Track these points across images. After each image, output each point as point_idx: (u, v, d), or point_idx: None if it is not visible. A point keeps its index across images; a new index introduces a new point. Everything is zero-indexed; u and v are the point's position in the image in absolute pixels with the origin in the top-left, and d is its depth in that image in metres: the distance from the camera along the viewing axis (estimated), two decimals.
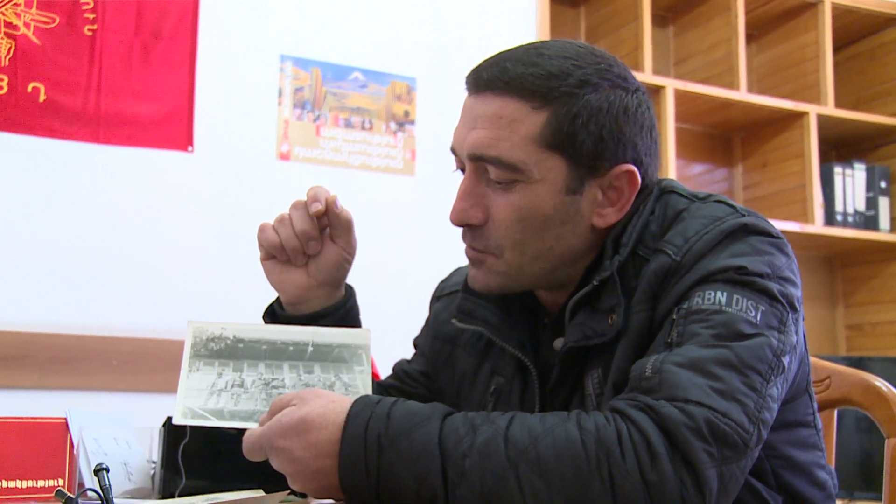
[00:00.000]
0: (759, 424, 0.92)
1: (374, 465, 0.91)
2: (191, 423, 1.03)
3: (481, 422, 0.92)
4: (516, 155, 1.05)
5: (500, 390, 1.16)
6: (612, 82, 1.07)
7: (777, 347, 0.97)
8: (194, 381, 1.06)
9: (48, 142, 2.43)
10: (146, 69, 2.54)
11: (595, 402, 1.05)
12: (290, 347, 1.10)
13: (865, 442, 2.83)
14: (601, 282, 1.05)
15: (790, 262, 1.04)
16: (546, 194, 1.06)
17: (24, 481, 1.16)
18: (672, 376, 0.92)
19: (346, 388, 1.06)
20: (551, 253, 1.08)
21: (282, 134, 2.71)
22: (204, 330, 1.10)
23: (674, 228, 1.05)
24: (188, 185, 2.57)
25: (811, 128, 3.25)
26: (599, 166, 1.06)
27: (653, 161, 1.11)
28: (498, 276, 1.11)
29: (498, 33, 2.96)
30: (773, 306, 0.98)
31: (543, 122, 1.04)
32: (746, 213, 1.06)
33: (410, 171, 2.83)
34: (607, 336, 1.03)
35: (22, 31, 2.42)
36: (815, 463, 1.10)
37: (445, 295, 1.32)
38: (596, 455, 0.87)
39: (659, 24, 3.42)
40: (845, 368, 1.36)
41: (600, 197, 1.08)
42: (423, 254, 2.77)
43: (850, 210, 3.39)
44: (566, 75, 1.05)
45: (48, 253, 2.41)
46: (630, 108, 1.07)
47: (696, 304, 0.98)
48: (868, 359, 3.20)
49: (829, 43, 3.34)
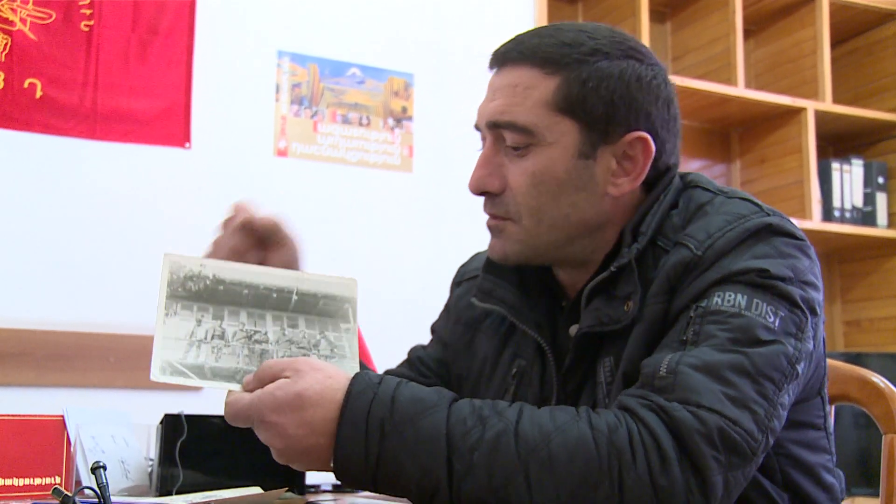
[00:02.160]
0: (768, 433, 0.93)
1: (375, 450, 0.89)
2: (170, 380, 0.96)
3: (489, 413, 0.91)
4: (529, 118, 1.07)
5: (521, 373, 1.16)
6: (626, 52, 1.09)
7: (792, 355, 0.96)
8: (172, 328, 0.99)
9: (45, 138, 2.42)
10: (143, 65, 2.53)
11: (606, 391, 1.05)
12: (273, 294, 1.04)
13: (863, 438, 2.84)
14: (619, 269, 1.05)
15: (813, 266, 1.04)
16: (559, 158, 1.07)
17: (22, 479, 1.16)
18: (687, 378, 0.91)
19: (331, 348, 1.02)
20: (567, 221, 1.09)
21: (279, 130, 2.70)
22: (181, 266, 1.04)
23: (696, 222, 1.05)
24: (185, 181, 2.57)
25: (809, 123, 3.25)
26: (611, 132, 1.07)
27: (671, 136, 1.12)
28: (516, 244, 1.11)
29: (495, 29, 2.95)
30: (792, 312, 0.98)
31: (555, 87, 1.07)
32: (771, 212, 1.05)
33: (408, 168, 2.82)
34: (622, 323, 1.03)
35: (18, 26, 2.41)
36: (823, 465, 1.10)
37: (466, 280, 1.32)
38: (608, 456, 0.87)
39: (656, 19, 3.42)
40: (843, 364, 1.36)
41: (614, 165, 1.09)
42: (420, 250, 2.77)
43: (847, 206, 3.39)
44: (579, 44, 1.08)
45: (45, 249, 2.41)
46: (644, 78, 1.08)
47: (716, 304, 0.97)
48: (866, 355, 3.20)
49: (826, 38, 3.33)
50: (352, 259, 2.67)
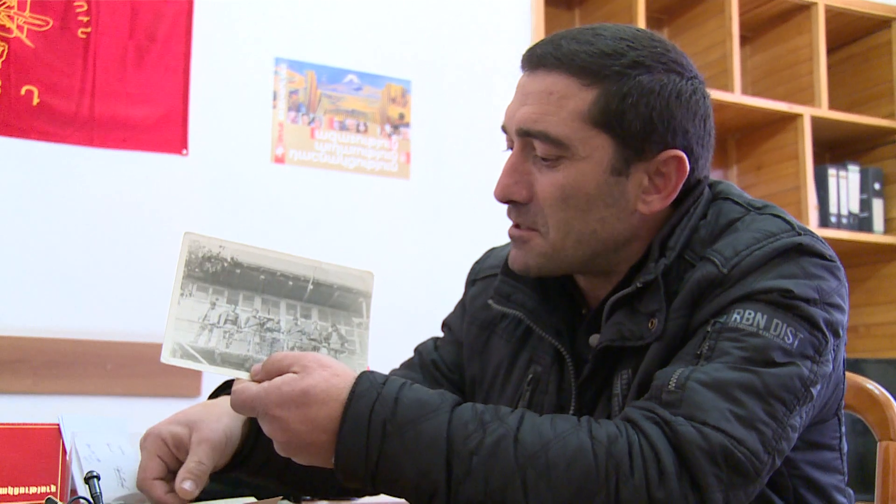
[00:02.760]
0: (775, 454, 0.92)
1: (376, 450, 0.89)
2: (180, 363, 0.97)
3: (491, 418, 0.91)
4: (562, 130, 1.03)
5: (537, 379, 1.14)
6: (667, 66, 1.05)
7: (808, 378, 0.95)
8: (186, 309, 0.99)
9: (42, 145, 2.42)
10: (140, 72, 2.53)
11: (621, 403, 1.03)
12: (289, 282, 1.03)
13: (859, 445, 2.83)
14: (644, 284, 1.03)
15: (840, 287, 1.01)
16: (590, 173, 1.04)
17: (16, 488, 1.15)
18: (695, 395, 0.90)
19: (342, 342, 1.02)
20: (595, 237, 1.06)
21: (276, 137, 2.70)
22: (201, 245, 1.02)
23: (725, 238, 1.03)
24: (182, 188, 2.57)
25: (805, 130, 3.26)
26: (647, 149, 1.04)
27: (704, 153, 1.09)
28: (540, 258, 1.08)
29: (492, 36, 2.96)
30: (812, 334, 0.96)
31: (592, 99, 1.03)
32: (802, 231, 1.03)
33: (405, 174, 2.82)
34: (646, 340, 1.01)
35: (15, 33, 2.41)
36: (835, 486, 1.09)
37: (482, 279, 1.29)
38: (605, 467, 0.87)
39: (654, 26, 3.43)
40: None
41: (646, 182, 1.06)
42: (418, 256, 2.77)
43: (844, 212, 3.40)
44: (619, 55, 1.04)
45: (42, 257, 2.41)
46: (684, 94, 1.05)
47: (734, 321, 0.96)
48: (863, 360, 3.20)
49: (822, 45, 3.34)
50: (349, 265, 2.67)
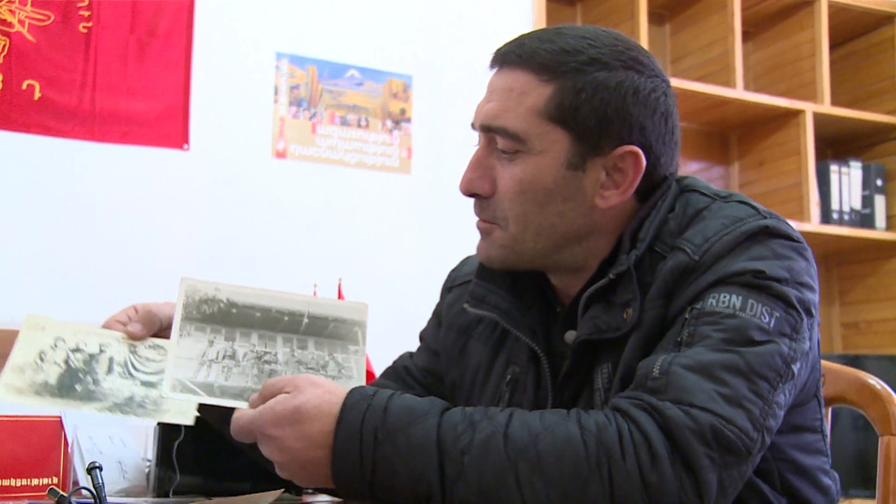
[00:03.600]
0: (764, 431, 0.92)
1: (370, 459, 0.91)
2: (180, 397, 1.00)
3: (480, 418, 0.92)
4: (520, 125, 1.06)
5: (515, 380, 1.15)
6: (626, 63, 1.06)
7: (787, 355, 0.96)
8: (185, 349, 1.03)
9: (43, 139, 2.42)
10: (141, 67, 2.53)
11: (604, 397, 1.04)
12: (284, 318, 1.07)
13: (861, 440, 2.84)
14: (617, 276, 1.04)
15: (809, 267, 1.04)
16: (548, 167, 1.06)
17: (19, 479, 1.16)
18: (679, 379, 0.91)
19: (339, 369, 1.05)
20: (554, 230, 1.08)
21: (278, 132, 2.70)
22: (197, 289, 1.07)
23: (693, 227, 1.04)
24: (184, 183, 2.57)
25: (807, 126, 3.26)
26: (603, 145, 1.06)
27: (667, 149, 1.10)
28: (501, 249, 1.10)
29: (494, 31, 2.96)
30: (787, 312, 0.98)
31: (549, 94, 1.05)
32: (768, 214, 1.05)
33: (406, 169, 2.82)
34: (622, 330, 1.03)
35: (16, 28, 2.41)
36: (820, 468, 1.10)
37: (458, 285, 1.30)
38: (596, 455, 0.87)
39: (655, 21, 3.42)
40: (840, 367, 1.36)
41: (603, 177, 1.07)
42: (419, 251, 2.77)
43: (846, 208, 3.39)
44: (578, 52, 1.06)
45: (43, 250, 2.41)
46: (641, 91, 1.06)
47: (710, 305, 0.97)
48: (864, 357, 3.20)
49: (825, 41, 3.34)
50: (350, 261, 2.68)
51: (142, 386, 1.07)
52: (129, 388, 1.07)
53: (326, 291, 2.35)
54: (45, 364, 1.05)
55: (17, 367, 1.04)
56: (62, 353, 1.07)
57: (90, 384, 1.05)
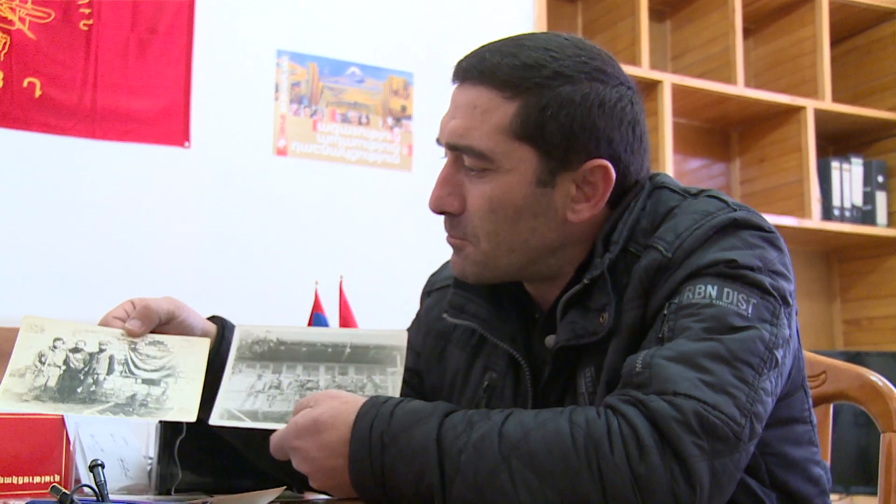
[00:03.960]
0: (752, 417, 0.92)
1: (379, 463, 0.93)
2: (226, 423, 1.06)
3: (479, 419, 0.93)
4: (486, 144, 1.05)
5: (493, 386, 1.16)
6: (590, 75, 1.05)
7: (769, 340, 0.96)
8: (235, 384, 1.10)
9: (44, 137, 2.42)
10: (142, 64, 2.53)
11: (588, 401, 1.04)
12: (328, 349, 1.12)
13: (862, 437, 2.84)
14: (592, 280, 1.04)
15: (782, 256, 1.04)
16: (517, 185, 1.05)
17: (21, 477, 1.16)
18: (662, 370, 0.92)
19: (376, 389, 1.08)
20: (527, 245, 1.08)
21: (278, 129, 2.70)
22: (250, 333, 1.14)
23: (665, 224, 1.04)
24: (185, 180, 2.57)
25: (808, 122, 3.26)
26: (571, 159, 1.05)
27: (636, 158, 1.09)
28: (475, 266, 1.10)
29: (495, 28, 2.95)
30: (764, 299, 0.98)
31: (514, 112, 1.04)
32: (738, 207, 1.05)
33: (407, 167, 2.82)
34: (599, 335, 1.03)
35: (17, 25, 2.41)
36: (810, 459, 1.10)
37: (436, 290, 1.31)
38: (585, 448, 0.88)
39: (656, 18, 3.42)
40: (841, 363, 1.36)
41: (574, 191, 1.07)
42: (419, 249, 2.77)
43: (847, 205, 3.39)
44: (540, 66, 1.04)
45: (44, 248, 2.41)
46: (607, 102, 1.05)
47: (687, 298, 0.97)
48: (865, 353, 3.20)
49: (826, 37, 3.33)
50: (351, 258, 2.68)
51: (143, 384, 1.08)
52: (131, 387, 1.07)
53: (327, 288, 2.35)
54: (44, 367, 1.05)
55: (16, 372, 1.04)
56: (61, 355, 1.07)
57: (91, 385, 1.05)
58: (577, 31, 3.36)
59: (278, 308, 2.49)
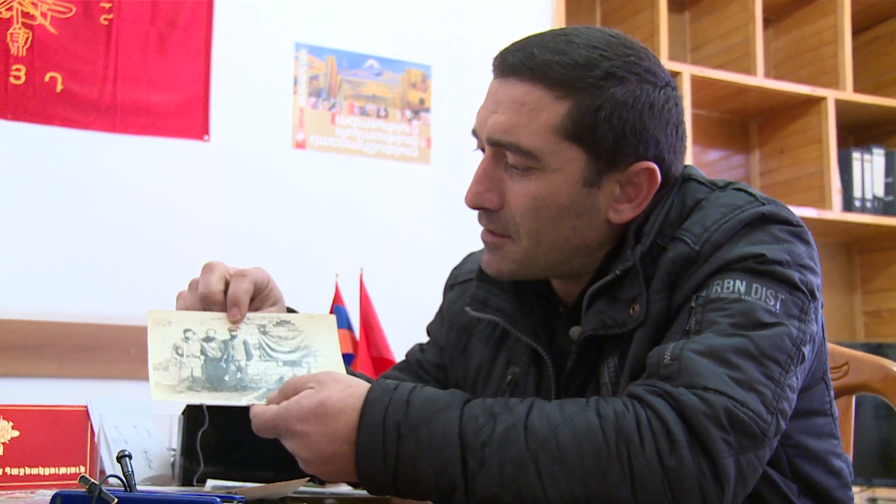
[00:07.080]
0: (778, 414, 0.92)
1: (393, 453, 0.91)
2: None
3: (500, 409, 0.92)
4: (534, 143, 1.03)
5: (515, 380, 1.16)
6: (640, 76, 1.05)
7: (797, 337, 0.96)
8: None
9: (65, 131, 2.44)
10: (162, 58, 2.54)
11: (610, 391, 1.04)
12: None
13: (884, 429, 2.82)
14: (623, 272, 1.04)
15: (810, 250, 1.03)
16: (563, 185, 1.05)
17: (47, 468, 1.17)
18: (691, 364, 0.91)
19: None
20: (567, 244, 1.08)
21: (297, 122, 2.71)
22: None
23: (692, 217, 1.04)
24: (204, 174, 2.58)
25: (829, 113, 3.23)
26: (619, 161, 1.05)
27: (677, 158, 1.10)
28: (513, 263, 1.10)
29: (513, 21, 2.95)
30: (793, 295, 0.98)
31: (565, 112, 1.03)
32: (766, 200, 1.05)
33: (426, 160, 2.83)
34: (628, 326, 1.03)
35: (39, 20, 2.42)
36: (831, 451, 1.10)
37: (459, 283, 1.31)
38: (616, 443, 0.88)
39: (675, 9, 3.40)
40: (863, 355, 1.35)
41: (618, 192, 1.07)
42: (438, 242, 2.77)
43: (868, 196, 3.37)
44: (592, 66, 1.03)
45: (66, 242, 2.43)
46: (656, 105, 1.05)
47: (715, 292, 0.97)
48: (886, 345, 3.18)
49: (847, 27, 3.31)
50: (370, 251, 2.68)
51: (286, 366, 1.06)
52: (276, 370, 1.05)
53: (348, 281, 2.36)
54: (184, 358, 1.03)
55: (159, 366, 1.01)
56: (196, 345, 1.05)
57: (236, 372, 1.04)
58: (595, 22, 3.34)
59: (299, 301, 2.49)
